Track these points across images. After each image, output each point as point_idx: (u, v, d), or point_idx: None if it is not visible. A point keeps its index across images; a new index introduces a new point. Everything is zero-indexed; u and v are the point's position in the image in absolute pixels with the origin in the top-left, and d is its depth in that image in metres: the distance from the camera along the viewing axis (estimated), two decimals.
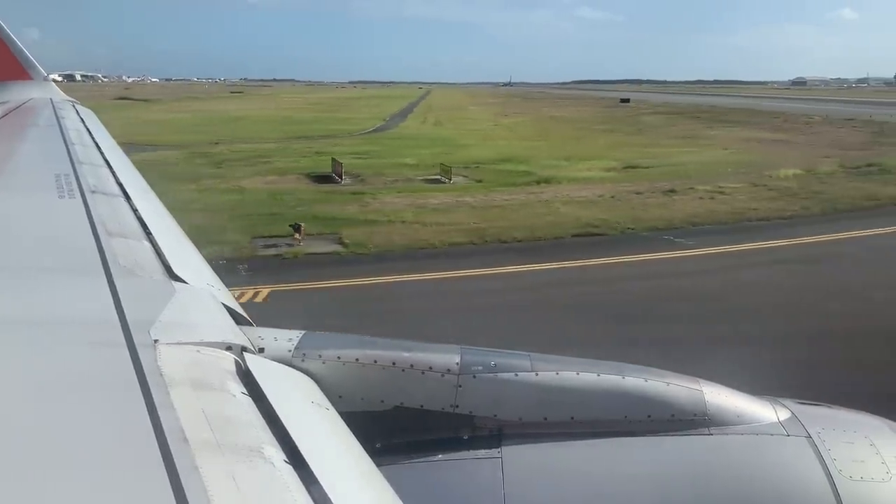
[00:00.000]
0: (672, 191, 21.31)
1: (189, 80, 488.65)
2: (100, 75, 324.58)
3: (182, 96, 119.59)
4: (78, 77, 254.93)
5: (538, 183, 23.93)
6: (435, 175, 25.75)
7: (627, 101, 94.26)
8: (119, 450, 1.22)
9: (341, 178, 25.13)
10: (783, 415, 2.40)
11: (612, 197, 20.62)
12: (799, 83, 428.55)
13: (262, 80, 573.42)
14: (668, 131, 46.21)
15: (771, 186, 22.07)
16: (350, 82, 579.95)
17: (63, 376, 1.49)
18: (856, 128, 47.84)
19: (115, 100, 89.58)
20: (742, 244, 15.35)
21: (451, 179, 24.96)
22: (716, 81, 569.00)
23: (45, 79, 9.97)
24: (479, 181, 24.91)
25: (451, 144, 38.52)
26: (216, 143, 38.33)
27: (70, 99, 9.39)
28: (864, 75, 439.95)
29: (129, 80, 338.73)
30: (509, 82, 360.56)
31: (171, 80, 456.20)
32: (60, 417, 1.32)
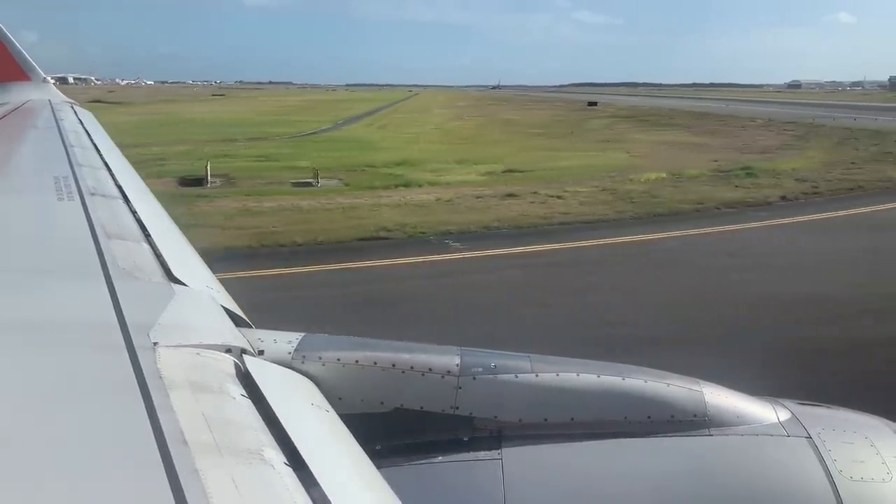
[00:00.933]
0: (511, 195, 21.45)
1: (184, 82, 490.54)
2: (93, 78, 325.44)
3: (159, 99, 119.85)
4: (71, 80, 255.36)
5: (402, 186, 24.15)
6: (311, 178, 26.03)
7: (595, 104, 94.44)
8: (119, 452, 1.22)
9: (209, 182, 25.47)
10: (783, 415, 2.41)
11: (448, 201, 20.69)
12: (794, 86, 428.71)
13: (257, 83, 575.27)
14: (598, 135, 46.28)
15: (617, 190, 22.11)
16: (347, 85, 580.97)
17: (62, 379, 1.50)
18: (785, 131, 47.90)
19: (88, 102, 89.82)
20: (514, 247, 15.25)
21: (318, 183, 25.26)
22: (711, 84, 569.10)
23: (44, 80, 10.01)
24: (347, 184, 25.17)
25: (369, 147, 38.66)
26: (136, 146, 38.62)
27: (68, 100, 9.41)
28: (859, 78, 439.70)
29: (123, 82, 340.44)
30: (498, 85, 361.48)
31: (167, 82, 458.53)
32: (60, 421, 1.32)
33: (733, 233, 16.99)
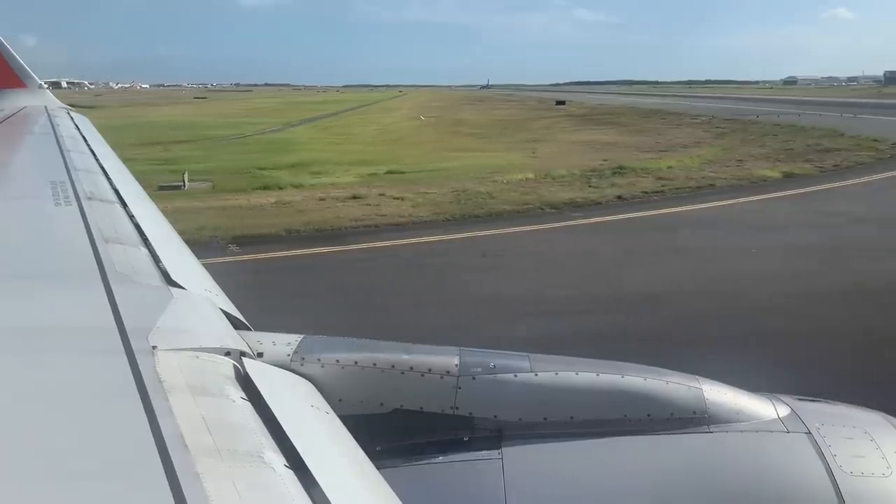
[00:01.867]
0: (357, 197, 21.28)
1: (181, 85, 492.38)
2: (86, 82, 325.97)
3: (137, 103, 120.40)
4: (64, 84, 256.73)
5: (267, 188, 24.19)
6: (190, 179, 26.13)
7: (563, 103, 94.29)
8: (119, 457, 1.22)
9: None
10: (782, 411, 2.42)
11: (287, 203, 20.31)
12: (790, 82, 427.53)
13: (253, 85, 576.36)
14: (527, 135, 45.81)
15: (465, 192, 21.67)
16: (345, 86, 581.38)
17: (61, 384, 1.50)
18: (717, 128, 47.59)
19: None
20: (280, 251, 14.96)
21: (185, 185, 25.39)
22: (708, 81, 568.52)
23: (40, 87, 10.09)
24: (214, 187, 25.23)
25: (286, 149, 38.43)
26: None
27: (64, 106, 9.48)
28: (853, 74, 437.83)
29: (117, 86, 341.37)
30: (488, 84, 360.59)
31: (164, 85, 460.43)
32: (59, 425, 1.32)
33: (519, 234, 16.61)
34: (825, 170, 26.11)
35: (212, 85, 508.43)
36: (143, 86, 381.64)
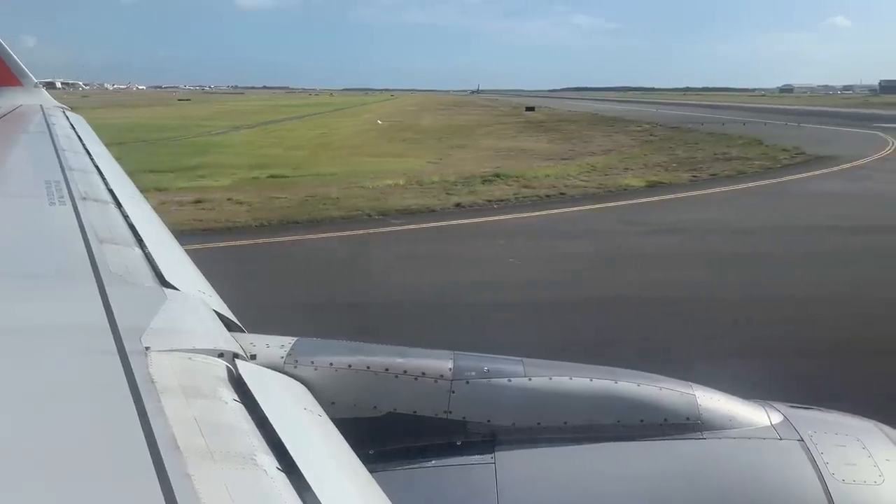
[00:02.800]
0: (200, 201, 21.25)
1: (178, 87, 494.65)
2: (80, 83, 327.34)
3: (120, 104, 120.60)
4: (58, 84, 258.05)
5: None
6: None
7: (532, 109, 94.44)
8: (110, 457, 1.22)
9: None
10: (775, 418, 2.43)
11: None
12: (786, 90, 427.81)
13: (251, 88, 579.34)
14: (464, 141, 44.84)
15: (316, 197, 21.35)
16: (344, 89, 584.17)
17: (53, 384, 1.49)
18: (650, 135, 47.99)
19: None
20: None
21: None
22: (704, 89, 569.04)
23: (36, 85, 10.04)
24: None
25: (206, 153, 38.42)
26: None
27: (60, 105, 9.45)
28: (851, 82, 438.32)
29: (112, 87, 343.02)
30: (477, 90, 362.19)
31: (161, 87, 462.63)
32: (50, 425, 1.31)
33: (302, 242, 16.14)
34: (698, 179, 25.79)
35: (209, 87, 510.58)
36: (140, 87, 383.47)
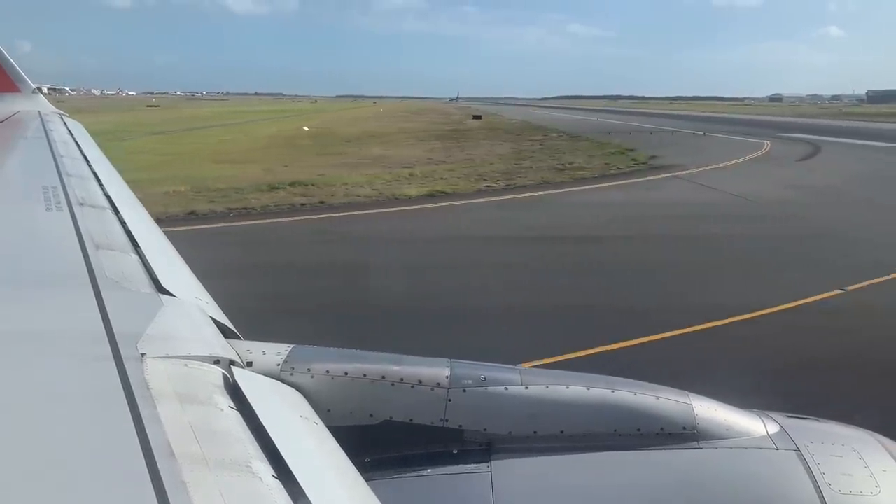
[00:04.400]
0: None
1: (167, 93, 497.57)
2: (67, 88, 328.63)
3: (89, 110, 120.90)
4: (45, 90, 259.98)
5: None
6: None
7: (479, 117, 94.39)
8: (105, 464, 1.21)
9: None
10: (772, 428, 2.42)
11: None
12: (776, 99, 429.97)
13: (244, 94, 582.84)
14: (363, 150, 44.83)
15: None
16: (338, 96, 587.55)
17: (48, 390, 1.48)
18: (540, 145, 47.56)
19: None
20: None
21: None
22: (695, 98, 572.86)
23: (34, 91, 10.00)
24: None
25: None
26: None
27: (59, 111, 9.38)
28: (844, 92, 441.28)
29: (100, 93, 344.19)
30: (456, 97, 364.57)
31: (154, 93, 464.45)
32: (45, 431, 1.31)
33: None
34: (489, 189, 24.66)
35: (201, 93, 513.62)
36: (130, 93, 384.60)
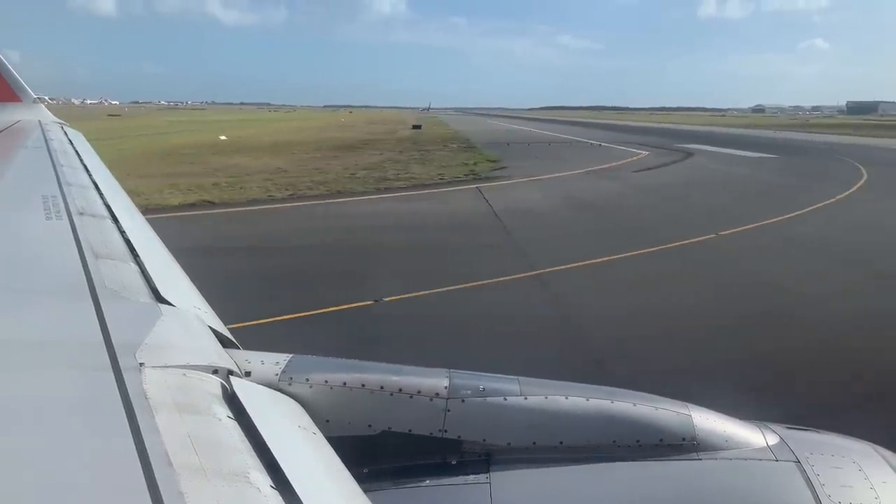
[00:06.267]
0: None
1: (151, 102, 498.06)
2: (46, 97, 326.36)
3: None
4: None
5: None
6: None
7: (419, 127, 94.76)
8: (103, 474, 1.20)
9: None
10: (772, 439, 2.41)
11: None
12: (758, 110, 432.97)
13: (228, 103, 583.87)
14: (225, 160, 45.18)
15: None
16: (325, 106, 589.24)
17: (47, 399, 1.47)
18: (437, 153, 48.39)
19: None
20: None
21: None
22: (678, 109, 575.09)
23: (34, 101, 10.00)
24: None
25: None
26: None
27: (59, 121, 9.41)
28: (829, 103, 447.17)
29: (79, 102, 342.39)
30: (428, 108, 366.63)
31: (139, 102, 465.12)
32: (43, 441, 1.30)
33: None
34: (268, 200, 24.79)
35: (185, 103, 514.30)
36: (113, 102, 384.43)
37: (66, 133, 7.95)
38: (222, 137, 72.00)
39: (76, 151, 6.30)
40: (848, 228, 19.66)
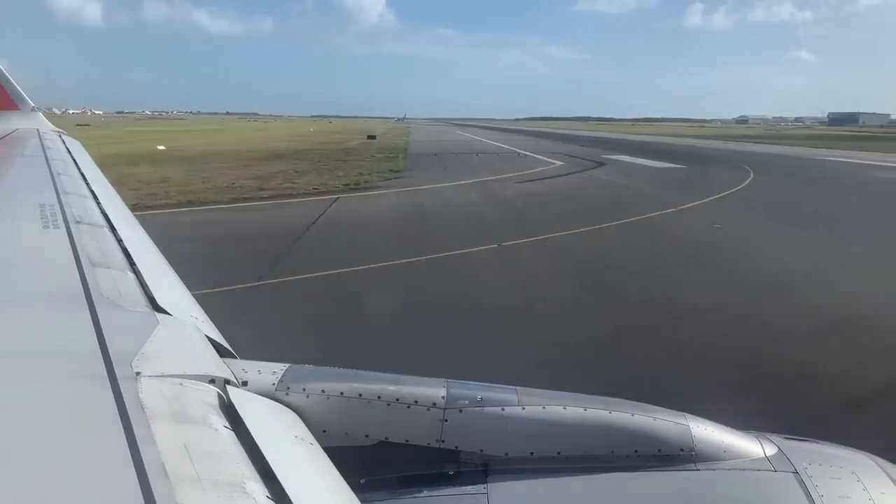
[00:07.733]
0: None
1: (135, 112, 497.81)
2: None
3: None
4: None
5: None
6: None
7: (373, 137, 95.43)
8: (99, 484, 1.20)
9: None
10: (770, 450, 2.42)
11: None
12: (741, 121, 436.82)
13: (213, 113, 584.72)
14: (145, 171, 45.89)
15: None
16: (313, 116, 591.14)
17: (43, 409, 1.47)
18: (355, 163, 48.56)
19: None
20: None
21: None
22: (662, 119, 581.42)
23: (33, 109, 9.99)
24: None
25: None
26: None
27: (57, 129, 9.42)
28: (813, 114, 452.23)
29: (60, 111, 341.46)
30: (403, 118, 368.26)
31: (123, 112, 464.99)
32: (39, 451, 1.29)
33: None
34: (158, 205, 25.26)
35: (168, 112, 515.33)
36: (97, 112, 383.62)
37: (64, 142, 8.00)
38: (160, 147, 71.93)
39: (74, 161, 6.34)
40: (631, 243, 18.84)
